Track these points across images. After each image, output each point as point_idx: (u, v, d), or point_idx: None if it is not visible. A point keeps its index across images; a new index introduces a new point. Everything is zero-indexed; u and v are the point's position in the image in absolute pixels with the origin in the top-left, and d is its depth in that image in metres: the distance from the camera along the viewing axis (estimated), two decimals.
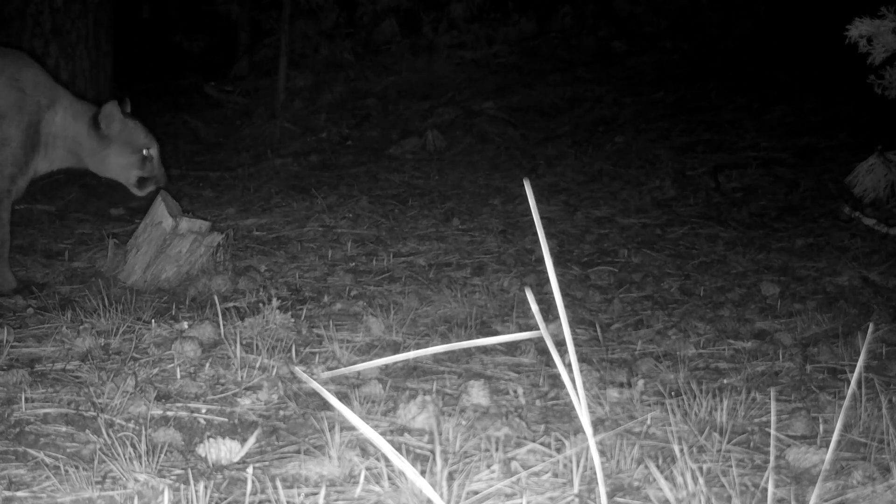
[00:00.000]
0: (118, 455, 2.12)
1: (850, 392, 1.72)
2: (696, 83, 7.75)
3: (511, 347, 3.11)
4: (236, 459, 2.21)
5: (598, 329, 3.33)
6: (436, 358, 3.00)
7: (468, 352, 3.06)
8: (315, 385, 1.24)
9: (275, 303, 3.28)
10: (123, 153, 3.83)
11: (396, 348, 3.16)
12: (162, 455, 2.17)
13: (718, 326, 3.39)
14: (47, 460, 2.18)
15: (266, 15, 8.75)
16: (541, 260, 4.26)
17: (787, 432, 2.42)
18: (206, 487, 2.00)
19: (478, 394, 2.61)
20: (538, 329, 1.18)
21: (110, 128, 3.78)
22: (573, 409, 2.57)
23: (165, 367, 2.83)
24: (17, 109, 3.59)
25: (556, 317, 2.68)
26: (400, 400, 2.55)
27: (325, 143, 7.13)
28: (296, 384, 2.72)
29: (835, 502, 2.01)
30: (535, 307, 1.18)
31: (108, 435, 2.30)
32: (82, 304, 3.48)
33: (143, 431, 2.31)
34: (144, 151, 3.86)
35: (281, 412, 2.54)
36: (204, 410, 2.53)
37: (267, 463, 2.21)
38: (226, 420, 2.49)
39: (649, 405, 2.59)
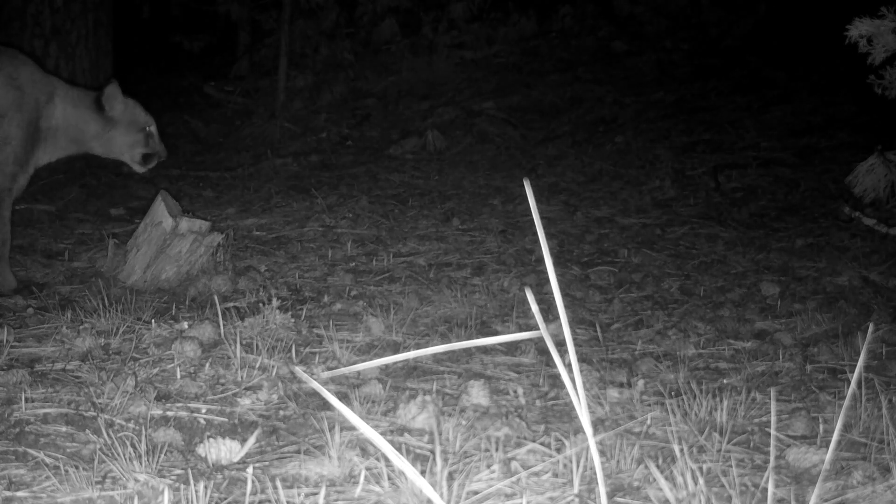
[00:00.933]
0: (118, 455, 2.12)
1: (850, 392, 1.72)
2: (696, 83, 7.75)
3: (511, 347, 3.11)
4: (236, 459, 2.21)
5: (598, 329, 3.33)
6: (436, 358, 3.00)
7: (468, 352, 3.06)
8: (315, 385, 1.24)
9: (275, 303, 3.28)
10: (129, 132, 3.94)
11: (396, 348, 3.16)
12: (162, 455, 2.17)
13: (718, 326, 3.39)
14: (47, 460, 2.18)
15: (266, 15, 8.74)
16: (541, 260, 4.26)
17: (787, 432, 2.42)
18: (206, 487, 2.00)
19: (478, 394, 2.61)
20: (538, 329, 1.18)
21: (114, 108, 3.87)
22: (573, 409, 2.57)
23: (165, 367, 2.83)
24: (17, 108, 3.60)
25: (556, 317, 2.69)
26: (400, 400, 2.55)
27: (325, 143, 7.13)
28: (296, 384, 2.72)
29: (835, 502, 2.01)
30: (535, 307, 1.18)
31: (108, 435, 2.30)
32: (82, 304, 3.47)
33: (143, 431, 2.31)
34: (146, 128, 3.98)
35: (281, 412, 2.54)
36: (204, 410, 2.53)
37: (267, 463, 2.21)
38: (226, 420, 2.49)
39: (649, 405, 2.59)
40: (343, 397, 2.62)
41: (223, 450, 2.21)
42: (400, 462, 1.21)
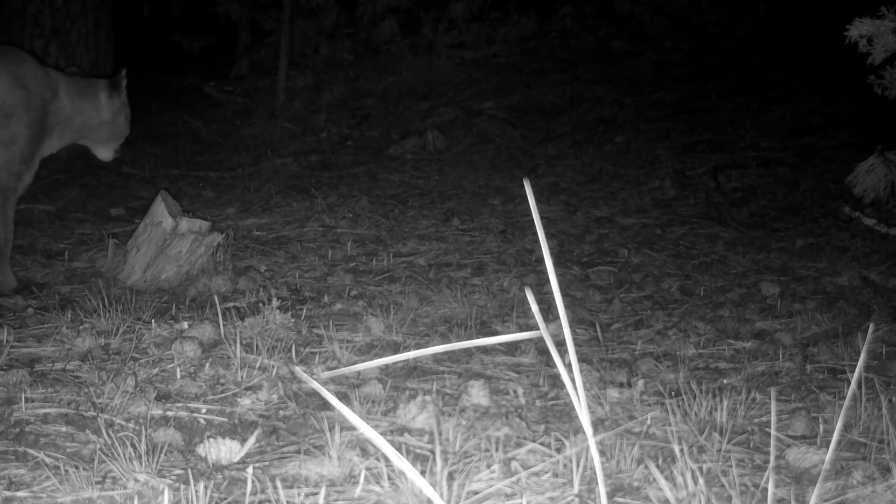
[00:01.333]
0: (118, 455, 2.12)
1: (850, 392, 1.72)
2: (696, 83, 7.75)
3: (511, 347, 3.11)
4: (236, 459, 2.21)
5: (598, 329, 3.33)
6: (436, 358, 3.00)
7: (468, 352, 3.06)
8: (315, 385, 1.24)
9: (275, 303, 3.28)
10: (128, 118, 4.13)
11: (396, 348, 3.16)
12: (162, 455, 2.17)
13: (718, 326, 3.39)
14: (47, 460, 2.18)
15: (266, 15, 8.73)
16: (541, 260, 4.26)
17: (787, 432, 2.42)
18: (206, 487, 2.00)
19: (478, 394, 2.61)
20: (538, 329, 1.18)
21: (123, 94, 4.04)
22: (573, 409, 2.57)
23: (165, 367, 2.83)
24: (25, 108, 3.60)
25: (556, 317, 2.69)
26: (400, 400, 2.55)
27: (325, 143, 7.13)
28: (296, 384, 2.72)
29: (835, 502, 2.01)
30: (535, 307, 1.18)
31: (108, 435, 2.30)
32: (82, 304, 3.47)
33: (143, 431, 2.31)
34: None
35: (281, 412, 2.54)
36: (204, 410, 2.53)
37: (267, 463, 2.21)
38: (226, 420, 2.49)
39: (649, 405, 2.59)
40: (343, 397, 2.62)
41: (223, 450, 2.21)
42: (400, 462, 1.21)
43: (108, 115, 3.97)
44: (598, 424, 2.47)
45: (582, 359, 3.01)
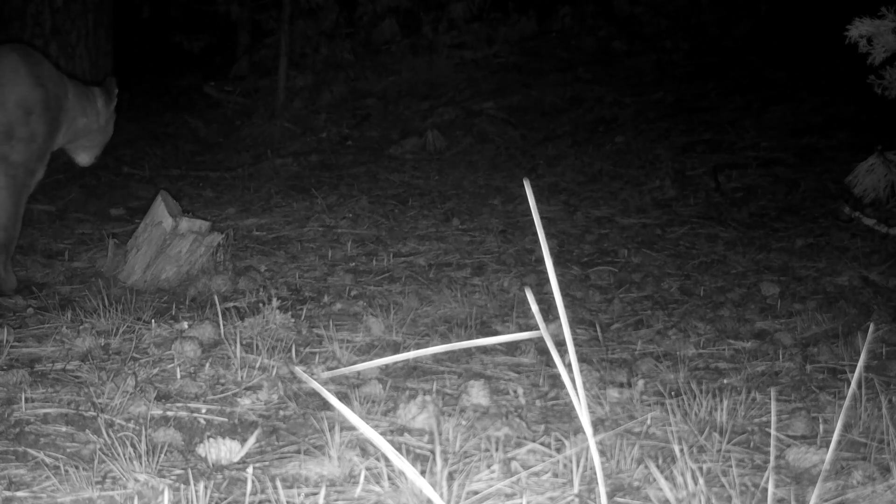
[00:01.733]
0: (118, 455, 2.12)
1: (850, 392, 1.72)
2: (695, 83, 7.75)
3: (511, 347, 3.11)
4: (236, 459, 2.21)
5: (598, 329, 3.33)
6: (436, 358, 3.00)
7: (468, 352, 3.06)
8: (315, 385, 1.24)
9: (275, 303, 3.28)
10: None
11: (396, 348, 3.16)
12: (162, 455, 2.17)
13: (718, 326, 3.39)
14: (47, 460, 2.18)
15: (266, 15, 8.73)
16: (541, 260, 4.26)
17: (787, 432, 2.42)
18: (206, 487, 2.00)
19: (478, 394, 2.61)
20: (538, 329, 1.18)
21: (115, 100, 4.09)
22: (573, 409, 2.57)
23: (165, 367, 2.83)
24: (44, 106, 3.62)
25: (556, 317, 2.68)
26: (400, 400, 2.55)
27: (325, 143, 7.13)
28: (296, 384, 2.72)
29: (835, 502, 2.01)
30: (535, 307, 1.18)
31: (108, 435, 2.30)
32: (82, 304, 3.47)
33: (143, 431, 2.31)
34: None
35: (281, 412, 2.54)
36: (204, 410, 2.53)
37: (267, 463, 2.21)
38: (226, 420, 2.49)
39: (649, 405, 2.59)
40: (343, 397, 2.62)
41: (223, 450, 2.21)
42: (400, 462, 1.21)
43: (104, 121, 4.02)
44: (598, 424, 2.47)
45: (582, 359, 3.01)
